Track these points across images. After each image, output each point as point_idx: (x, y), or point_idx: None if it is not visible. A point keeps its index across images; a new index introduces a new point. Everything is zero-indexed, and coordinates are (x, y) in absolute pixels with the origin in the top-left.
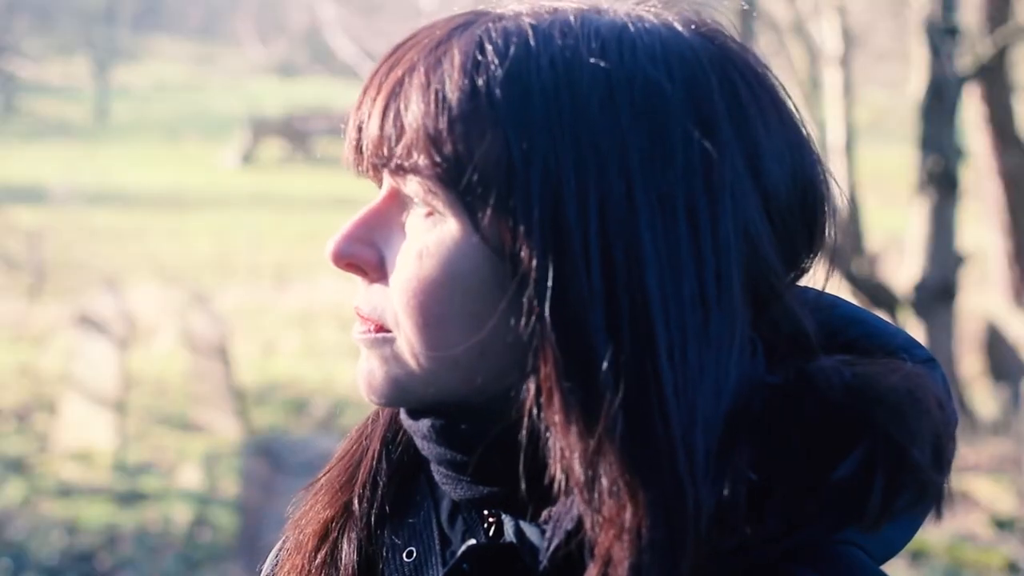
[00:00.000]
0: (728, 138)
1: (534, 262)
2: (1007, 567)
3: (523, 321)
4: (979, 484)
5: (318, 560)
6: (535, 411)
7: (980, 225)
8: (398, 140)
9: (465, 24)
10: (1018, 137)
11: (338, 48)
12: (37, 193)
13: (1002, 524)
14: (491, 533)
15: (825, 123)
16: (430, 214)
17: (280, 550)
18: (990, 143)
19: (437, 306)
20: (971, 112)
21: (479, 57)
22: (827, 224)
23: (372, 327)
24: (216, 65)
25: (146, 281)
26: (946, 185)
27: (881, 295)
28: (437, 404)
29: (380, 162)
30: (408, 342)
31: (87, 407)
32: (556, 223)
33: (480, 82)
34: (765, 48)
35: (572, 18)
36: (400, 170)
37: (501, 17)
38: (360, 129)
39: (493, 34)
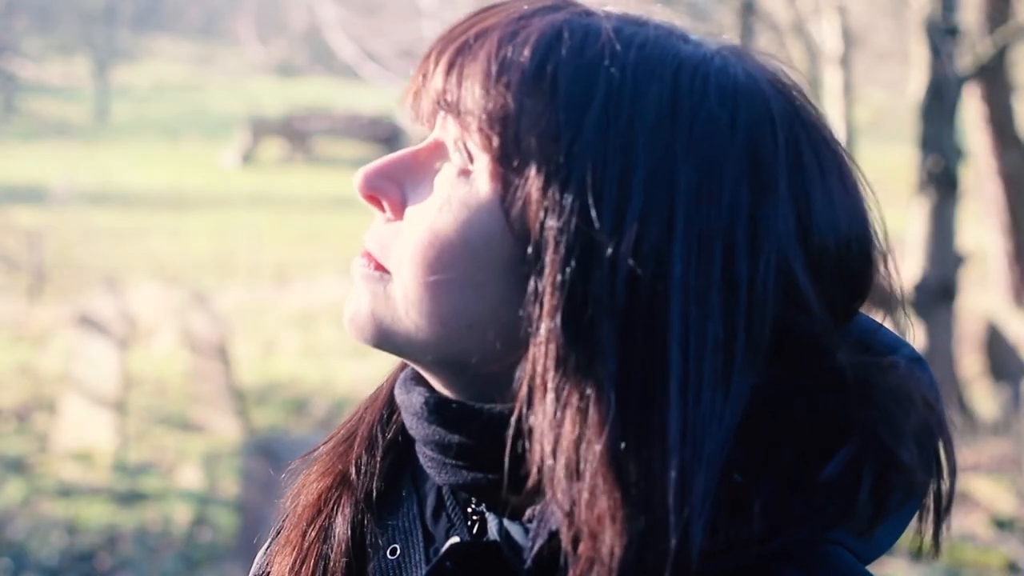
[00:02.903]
0: (781, 192)
1: (557, 256)
2: (1007, 567)
3: (530, 309)
4: (979, 484)
5: (312, 534)
6: (525, 402)
7: (980, 225)
8: (455, 96)
9: (553, 8)
10: (1018, 137)
11: (338, 48)
12: (37, 193)
13: (1002, 524)
14: (475, 531)
15: None
16: (463, 173)
17: (273, 539)
18: (990, 143)
19: (439, 262)
20: (971, 112)
21: (555, 43)
22: (870, 295)
23: (373, 264)
24: (216, 65)
25: (146, 281)
26: (946, 185)
27: (880, 295)
28: (424, 365)
29: (433, 110)
30: (403, 288)
31: (87, 407)
32: (588, 226)
33: (548, 67)
34: (765, 48)
35: (657, 36)
36: (451, 120)
37: (589, 13)
38: (424, 77)
39: (575, 26)
